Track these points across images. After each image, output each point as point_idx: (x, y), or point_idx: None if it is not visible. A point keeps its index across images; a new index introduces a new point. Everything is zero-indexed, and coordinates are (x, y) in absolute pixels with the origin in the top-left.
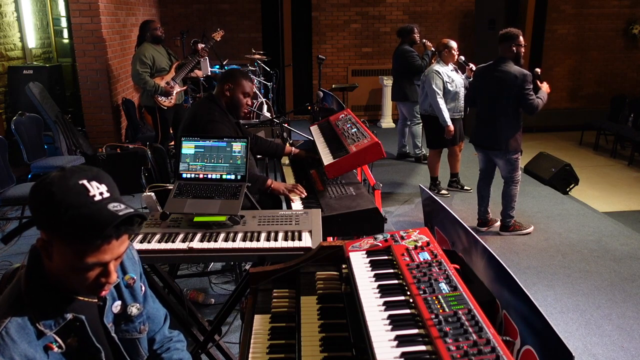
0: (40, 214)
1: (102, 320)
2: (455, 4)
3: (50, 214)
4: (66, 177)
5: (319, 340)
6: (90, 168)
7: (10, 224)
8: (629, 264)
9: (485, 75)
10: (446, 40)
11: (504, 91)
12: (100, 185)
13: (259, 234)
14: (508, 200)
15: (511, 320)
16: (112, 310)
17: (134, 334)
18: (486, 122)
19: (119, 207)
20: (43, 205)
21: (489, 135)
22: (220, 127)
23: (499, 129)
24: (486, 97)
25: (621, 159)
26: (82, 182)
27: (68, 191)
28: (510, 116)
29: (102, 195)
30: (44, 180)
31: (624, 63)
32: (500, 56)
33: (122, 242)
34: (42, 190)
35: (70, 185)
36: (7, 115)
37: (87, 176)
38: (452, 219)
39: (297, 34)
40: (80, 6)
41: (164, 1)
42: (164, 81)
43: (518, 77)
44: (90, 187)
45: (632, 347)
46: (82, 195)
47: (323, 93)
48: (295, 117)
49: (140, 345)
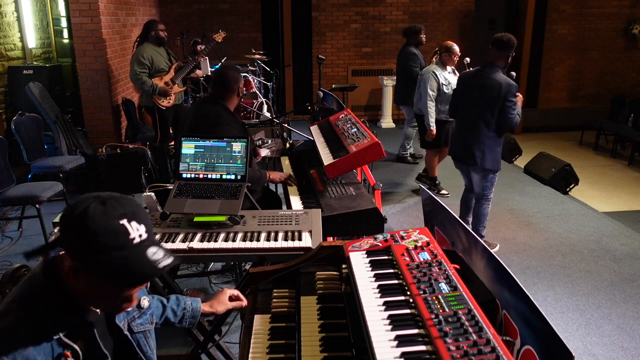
0: (76, 247)
1: (114, 320)
2: (455, 4)
3: (89, 251)
4: (108, 214)
5: (319, 340)
6: (130, 202)
7: (10, 224)
8: (629, 264)
9: (469, 82)
10: (450, 43)
11: (487, 100)
12: (140, 226)
13: (259, 234)
14: (480, 219)
15: (511, 320)
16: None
17: (147, 326)
18: (465, 133)
19: (158, 254)
20: (81, 240)
21: (467, 146)
22: (231, 130)
23: (479, 141)
24: (467, 105)
25: (621, 159)
26: (123, 222)
27: (108, 232)
28: (492, 128)
29: (141, 237)
30: (84, 213)
31: (624, 63)
32: (491, 62)
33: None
34: (81, 225)
35: (111, 225)
36: (7, 115)
37: (127, 215)
38: (452, 219)
39: (297, 34)
40: (80, 6)
41: (164, 1)
42: (163, 82)
43: (504, 86)
44: (130, 228)
45: (632, 347)
46: (122, 237)
47: (323, 93)
48: (295, 117)
49: (151, 336)
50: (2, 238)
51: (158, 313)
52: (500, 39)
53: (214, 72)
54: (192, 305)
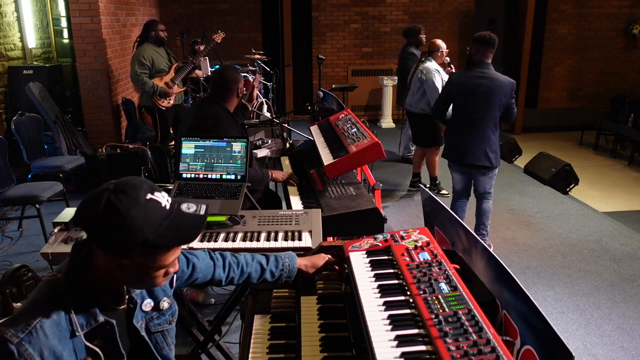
0: (116, 241)
1: (132, 322)
2: (455, 4)
3: (134, 239)
4: (134, 198)
5: (319, 340)
6: (137, 179)
7: (10, 224)
8: (629, 264)
9: (468, 82)
10: (439, 41)
11: (495, 99)
12: (161, 194)
13: (259, 234)
14: (488, 215)
15: (511, 320)
16: (142, 309)
17: (164, 326)
18: (472, 135)
19: (191, 206)
20: (124, 233)
21: (477, 149)
22: (231, 131)
23: (490, 142)
24: (471, 107)
25: (621, 159)
26: (149, 196)
27: (146, 212)
28: (497, 127)
29: (168, 201)
30: (109, 207)
31: (624, 63)
32: (482, 61)
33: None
34: (117, 219)
35: (144, 204)
36: (7, 115)
37: (147, 189)
38: (452, 219)
39: (297, 34)
40: (80, 6)
41: (164, 1)
42: (163, 82)
43: (508, 84)
44: (158, 198)
45: (632, 347)
46: (159, 209)
47: (323, 93)
48: (295, 117)
49: (169, 335)
50: (2, 238)
51: (256, 275)
52: (487, 38)
53: (213, 73)
54: (289, 267)
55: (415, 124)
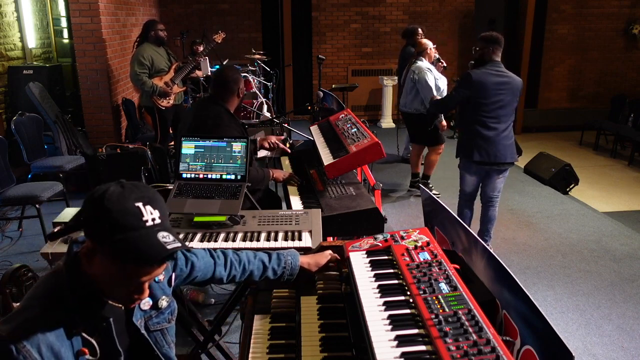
0: (92, 226)
1: (131, 320)
2: (455, 4)
3: (103, 230)
4: (125, 196)
5: (319, 340)
6: (148, 189)
7: (10, 224)
8: (629, 264)
9: (491, 80)
10: (424, 41)
11: (516, 97)
12: (154, 211)
13: (259, 234)
14: (493, 222)
15: (511, 320)
16: (141, 307)
17: (164, 324)
18: (501, 134)
19: (168, 238)
20: (98, 219)
21: (504, 148)
22: (231, 131)
23: (513, 139)
24: (499, 105)
25: (621, 159)
26: (138, 205)
27: (124, 213)
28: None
29: (154, 221)
30: (103, 194)
31: (624, 63)
32: (493, 60)
33: (161, 267)
34: (99, 205)
35: (127, 206)
36: (7, 115)
37: (144, 199)
38: (452, 219)
39: (297, 34)
40: (80, 6)
41: (164, 1)
42: (163, 82)
43: (521, 83)
44: (144, 211)
45: (632, 347)
46: (135, 218)
47: (323, 93)
48: (295, 117)
49: (169, 333)
50: (2, 238)
51: (258, 273)
52: (494, 37)
53: (214, 73)
54: (292, 265)
55: (411, 125)
